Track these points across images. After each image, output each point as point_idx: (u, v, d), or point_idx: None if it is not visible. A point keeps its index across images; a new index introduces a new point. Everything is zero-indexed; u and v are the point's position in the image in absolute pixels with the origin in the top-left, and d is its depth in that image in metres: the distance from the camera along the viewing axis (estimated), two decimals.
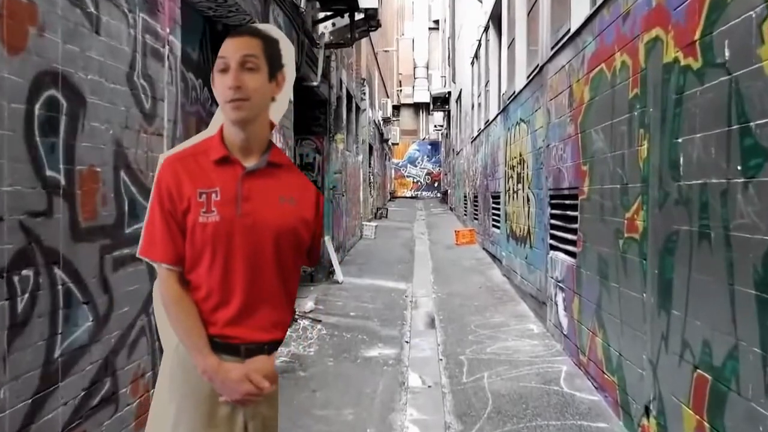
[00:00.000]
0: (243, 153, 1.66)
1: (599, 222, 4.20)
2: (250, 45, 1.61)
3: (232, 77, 1.57)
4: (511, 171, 8.35)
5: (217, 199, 1.61)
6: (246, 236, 1.62)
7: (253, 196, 1.64)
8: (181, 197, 1.62)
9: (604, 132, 4.11)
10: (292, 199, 1.68)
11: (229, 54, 1.59)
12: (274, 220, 1.64)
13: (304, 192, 1.74)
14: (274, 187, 1.67)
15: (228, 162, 1.65)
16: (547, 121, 5.95)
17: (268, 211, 1.64)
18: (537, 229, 6.52)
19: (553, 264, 5.63)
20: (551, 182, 5.75)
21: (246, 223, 1.62)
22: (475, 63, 14.19)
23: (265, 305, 1.66)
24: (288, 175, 1.72)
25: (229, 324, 1.63)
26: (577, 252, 4.79)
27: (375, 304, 7.28)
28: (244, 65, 1.58)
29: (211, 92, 4.68)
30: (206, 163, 1.65)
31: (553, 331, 5.60)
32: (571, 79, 5.01)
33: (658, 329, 3.17)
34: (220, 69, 1.60)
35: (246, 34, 1.63)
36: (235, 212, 1.61)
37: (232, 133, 1.65)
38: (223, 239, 1.60)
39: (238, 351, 1.64)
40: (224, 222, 1.60)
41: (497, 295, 7.78)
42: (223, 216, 1.60)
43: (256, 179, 1.65)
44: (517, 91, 7.86)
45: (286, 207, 1.67)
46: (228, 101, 1.58)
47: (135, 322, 2.79)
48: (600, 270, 4.18)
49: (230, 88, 1.57)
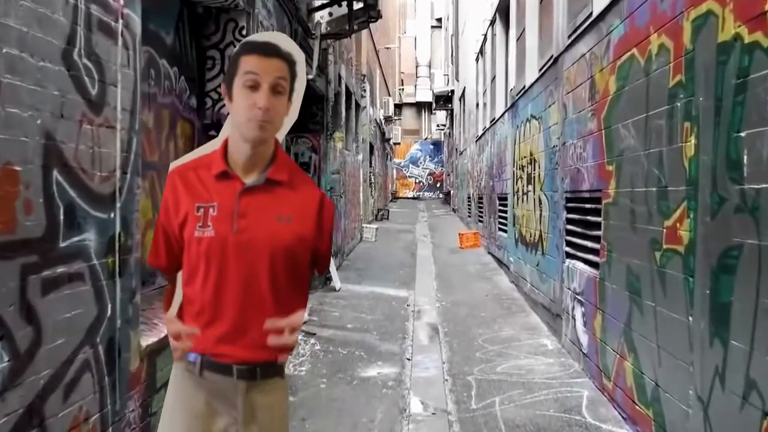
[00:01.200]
0: (244, 169, 1.64)
1: (629, 230, 3.67)
2: (281, 68, 1.59)
3: (264, 98, 1.55)
4: (520, 171, 7.83)
5: (214, 214, 1.60)
6: (240, 253, 1.60)
7: (249, 213, 1.62)
8: (177, 211, 1.64)
9: (635, 127, 3.58)
10: (289, 218, 1.64)
11: (261, 73, 1.56)
12: (270, 239, 1.61)
13: (303, 209, 1.68)
14: (272, 205, 1.64)
15: (227, 177, 1.63)
16: (562, 116, 5.43)
17: (264, 229, 1.61)
18: (550, 234, 5.99)
19: (570, 274, 5.10)
20: (568, 184, 5.22)
21: (241, 240, 1.59)
22: (480, 59, 13.65)
23: (258, 324, 1.59)
24: (288, 192, 1.67)
25: (221, 341, 1.61)
26: (600, 262, 4.26)
27: (374, 315, 6.75)
28: (275, 88, 1.57)
29: (190, 81, 4.16)
30: (207, 177, 1.65)
31: (570, 348, 5.07)
32: (592, 69, 4.48)
33: (710, 361, 2.64)
34: (249, 85, 1.55)
35: (276, 56, 1.59)
36: (231, 228, 1.59)
37: (240, 150, 1.63)
38: (217, 255, 1.59)
39: (230, 371, 1.63)
40: (219, 237, 1.59)
41: (505, 305, 7.25)
42: (218, 231, 1.59)
43: (254, 196, 1.63)
44: (527, 86, 7.33)
45: (283, 226, 1.63)
46: (252, 120, 1.55)
47: (74, 357, 2.27)
48: (630, 285, 3.65)
49: (260, 109, 1.54)
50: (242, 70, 1.57)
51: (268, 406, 1.67)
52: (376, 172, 20.17)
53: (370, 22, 7.83)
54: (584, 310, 4.67)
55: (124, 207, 2.60)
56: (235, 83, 1.58)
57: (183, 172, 1.68)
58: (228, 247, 1.59)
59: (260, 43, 1.61)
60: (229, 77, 1.60)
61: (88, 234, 2.33)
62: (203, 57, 4.36)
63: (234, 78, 1.58)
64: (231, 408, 1.65)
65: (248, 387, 1.64)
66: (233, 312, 1.61)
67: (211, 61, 4.38)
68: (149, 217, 3.55)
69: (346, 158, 10.82)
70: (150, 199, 3.57)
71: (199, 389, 1.66)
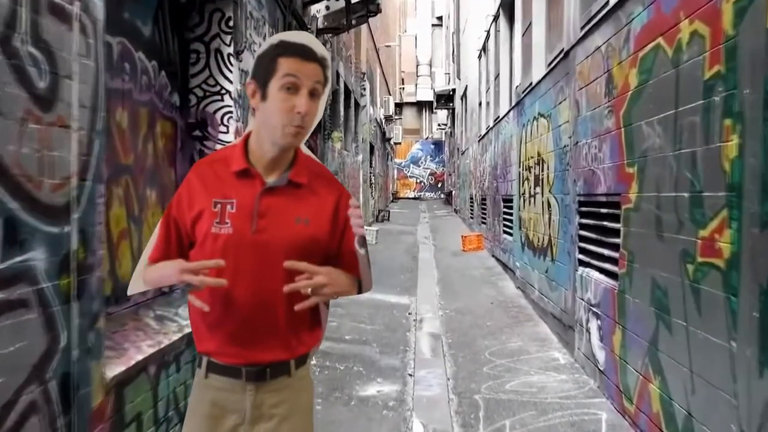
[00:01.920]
0: (266, 168, 1.63)
1: (654, 238, 3.32)
2: (319, 73, 1.58)
3: (305, 103, 1.54)
4: (527, 172, 7.47)
5: (232, 211, 1.58)
6: (257, 253, 1.57)
7: (269, 214, 1.60)
8: (191, 205, 1.61)
9: (661, 125, 3.23)
10: (307, 220, 1.62)
11: (302, 78, 1.55)
12: (287, 240, 1.59)
13: (320, 210, 1.66)
14: (291, 206, 1.62)
15: (248, 175, 1.62)
16: (574, 114, 5.07)
17: (282, 230, 1.59)
18: (561, 240, 5.63)
19: (584, 283, 4.75)
20: (581, 186, 4.86)
21: (259, 240, 1.57)
22: (483, 56, 13.30)
23: (269, 325, 1.60)
24: (307, 193, 1.65)
25: (229, 341, 1.60)
26: (619, 273, 3.91)
27: (374, 325, 6.40)
28: (313, 93, 1.57)
29: (171, 77, 3.81)
30: (224, 173, 1.62)
31: (584, 363, 4.72)
32: (609, 63, 4.13)
33: (759, 395, 2.29)
34: (287, 87, 1.53)
35: (315, 61, 1.58)
36: (250, 228, 1.58)
37: (266, 150, 1.62)
38: (233, 253, 1.55)
39: (239, 374, 1.61)
40: (237, 235, 1.57)
41: (512, 313, 6.90)
42: (237, 229, 1.57)
43: (274, 196, 1.61)
44: (534, 83, 6.98)
45: (300, 228, 1.61)
46: (289, 125, 1.55)
47: (17, 398, 1.92)
48: (655, 300, 3.30)
49: (299, 113, 1.54)
50: (281, 72, 1.53)
51: (276, 404, 1.64)
52: (376, 173, 19.83)
53: (369, 16, 7.50)
54: (601, 323, 4.31)
55: (83, 219, 2.25)
56: (271, 84, 1.54)
57: (198, 167, 1.69)
58: (245, 245, 1.56)
59: (299, 46, 1.57)
60: (264, 77, 1.56)
61: (35, 252, 1.98)
62: (186, 50, 4.01)
63: (271, 79, 1.54)
64: (238, 408, 1.62)
65: (257, 388, 1.62)
66: (245, 311, 1.58)
67: (194, 55, 4.03)
68: (123, 227, 3.20)
69: (344, 159, 10.47)
70: (124, 208, 3.22)
71: (205, 390, 1.65)
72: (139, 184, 3.41)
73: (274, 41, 1.60)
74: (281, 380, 1.64)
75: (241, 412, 1.62)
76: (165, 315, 3.33)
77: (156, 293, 3.56)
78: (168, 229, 1.65)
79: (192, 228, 1.61)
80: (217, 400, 1.63)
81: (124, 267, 3.17)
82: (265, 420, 1.63)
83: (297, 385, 1.68)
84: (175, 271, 1.51)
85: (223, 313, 1.58)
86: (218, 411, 1.62)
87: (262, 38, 4.71)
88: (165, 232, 1.66)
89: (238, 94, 4.12)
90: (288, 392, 1.65)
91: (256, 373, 1.61)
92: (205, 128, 4.02)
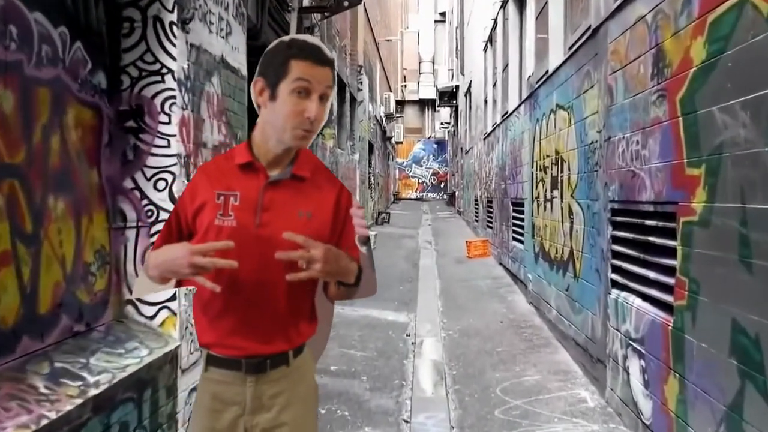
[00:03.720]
0: (270, 163, 1.64)
1: (734, 265, 2.42)
2: (329, 77, 1.59)
3: (315, 108, 1.55)
4: (542, 173, 6.57)
5: (235, 203, 1.59)
6: (260, 246, 1.57)
7: (272, 207, 1.61)
8: (193, 198, 1.62)
9: (747, 110, 2.34)
10: (309, 214, 1.63)
11: (314, 82, 1.55)
12: None
13: (321, 204, 1.66)
14: (294, 200, 1.63)
15: (252, 168, 1.63)
16: (606, 103, 4.17)
17: (285, 223, 1.58)
18: (587, 254, 4.73)
19: (621, 311, 3.85)
20: (616, 191, 3.96)
21: (262, 234, 1.58)
22: (489, 48, 12.40)
23: (269, 318, 1.62)
24: (310, 187, 1.66)
25: (230, 333, 1.61)
26: (676, 305, 3.01)
27: (366, 351, 5.51)
28: (323, 98, 1.57)
29: (94, 51, 2.93)
30: (227, 166, 1.65)
31: (621, 410, 3.83)
32: (659, 35, 3.23)
33: None
34: (298, 91, 1.54)
35: (326, 65, 1.58)
36: (254, 221, 1.59)
37: (272, 147, 1.63)
38: (236, 245, 1.51)
39: (239, 365, 1.63)
40: (240, 228, 1.57)
41: (525, 335, 6.00)
42: (241, 222, 1.58)
43: (278, 190, 1.63)
44: (551, 71, 6.08)
45: (302, 222, 1.61)
46: (298, 128, 1.56)
47: None
48: (738, 350, 2.40)
49: (308, 118, 1.55)
50: (293, 76, 1.53)
51: (276, 394, 1.64)
52: (376, 173, 18.92)
53: None
54: (645, 364, 3.41)
55: None
56: (282, 86, 1.54)
57: (203, 167, 1.73)
58: (248, 239, 1.56)
59: (311, 48, 1.57)
60: (275, 77, 1.55)
61: None
62: (116, 18, 3.13)
63: (282, 81, 1.54)
64: (238, 400, 1.63)
65: (257, 379, 1.63)
66: (245, 304, 1.59)
67: (128, 24, 3.14)
68: (4, 248, 2.31)
69: (338, 158, 9.57)
70: (7, 222, 2.33)
71: (205, 383, 1.66)
72: (36, 190, 2.52)
73: (285, 40, 1.60)
74: (280, 370, 1.65)
75: (241, 404, 1.63)
76: (67, 368, 2.45)
77: (65, 333, 2.67)
78: (170, 221, 1.67)
79: (193, 219, 1.61)
80: (217, 392, 1.64)
81: (4, 303, 2.29)
82: (265, 410, 1.64)
83: (295, 374, 1.68)
84: (184, 253, 1.48)
85: (224, 305, 1.60)
86: (219, 404, 1.63)
87: (222, 7, 3.83)
88: (168, 222, 1.67)
89: (184, 75, 3.24)
90: (286, 382, 1.66)
91: (256, 364, 1.62)
92: (140, 117, 3.13)
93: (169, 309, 3.15)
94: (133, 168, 3.15)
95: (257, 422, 1.63)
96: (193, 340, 3.31)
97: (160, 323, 3.15)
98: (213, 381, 1.64)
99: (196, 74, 3.42)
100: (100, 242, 3.02)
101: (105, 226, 3.07)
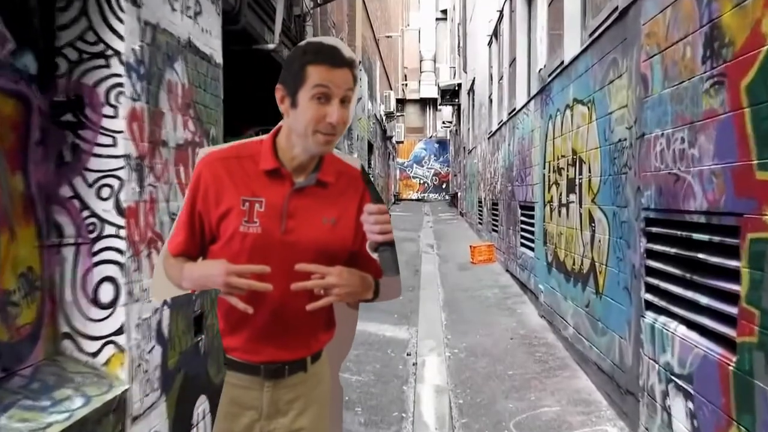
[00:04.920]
0: (296, 168, 1.62)
1: None
2: (349, 79, 1.54)
3: (336, 113, 1.52)
4: (556, 175, 5.99)
5: (261, 210, 1.57)
6: (285, 253, 1.56)
7: (297, 214, 1.60)
8: (218, 202, 1.59)
9: None
10: (333, 220, 1.63)
11: (333, 86, 1.51)
12: (315, 241, 1.59)
13: (346, 212, 1.65)
14: (318, 206, 1.62)
15: (278, 175, 1.61)
16: (639, 95, 3.59)
17: (310, 230, 1.59)
18: (612, 268, 4.15)
19: (659, 339, 3.27)
20: (652, 197, 3.38)
21: (288, 241, 1.57)
22: (494, 43, 11.82)
23: (292, 325, 1.62)
24: (334, 193, 1.65)
25: (251, 338, 1.62)
26: (740, 341, 2.43)
27: (362, 374, 4.93)
28: (344, 101, 1.54)
29: (17, 27, 2.36)
30: (252, 169, 1.61)
31: None
32: (714, 8, 2.65)
33: None
34: (318, 96, 1.51)
35: (344, 66, 1.53)
36: (279, 228, 1.58)
37: (297, 153, 1.61)
38: (261, 253, 1.55)
39: (258, 371, 1.64)
40: (266, 235, 1.57)
41: (539, 355, 5.41)
42: (266, 229, 1.57)
43: (303, 196, 1.61)
44: (566, 62, 5.50)
45: (327, 228, 1.62)
46: (320, 133, 1.53)
47: None
48: None
49: (331, 123, 1.52)
50: (311, 83, 1.51)
51: (293, 399, 1.65)
52: (375, 174, 18.36)
53: None
54: (695, 408, 2.83)
55: None
56: (301, 94, 1.52)
57: (225, 159, 1.63)
58: (274, 246, 1.56)
59: (327, 49, 1.53)
60: (294, 85, 1.53)
61: None
62: None
63: (300, 88, 1.52)
64: (255, 405, 1.63)
65: (274, 384, 1.64)
66: (269, 311, 1.59)
67: None
68: None
69: None
70: None
71: (226, 387, 1.67)
72: None
73: (301, 45, 1.58)
74: (298, 376, 1.66)
75: (257, 409, 1.64)
76: None
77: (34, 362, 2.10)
78: (192, 222, 1.63)
79: (217, 225, 1.59)
80: (235, 397, 1.65)
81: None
82: (281, 415, 1.65)
83: (312, 380, 1.69)
84: (220, 272, 1.49)
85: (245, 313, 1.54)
86: (236, 408, 1.65)
87: None
88: (189, 224, 1.63)
89: (136, 59, 2.66)
90: (303, 387, 1.67)
91: (275, 370, 1.63)
92: (80, 110, 2.55)
93: (115, 344, 2.57)
94: (71, 172, 2.56)
95: (274, 427, 1.64)
96: (149, 380, 2.74)
97: (104, 362, 2.57)
98: (230, 385, 1.66)
99: (152, 58, 2.84)
100: (27, 263, 2.43)
101: (34, 243, 2.48)
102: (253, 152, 1.63)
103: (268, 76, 5.71)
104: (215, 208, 1.58)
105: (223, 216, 1.57)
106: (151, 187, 2.84)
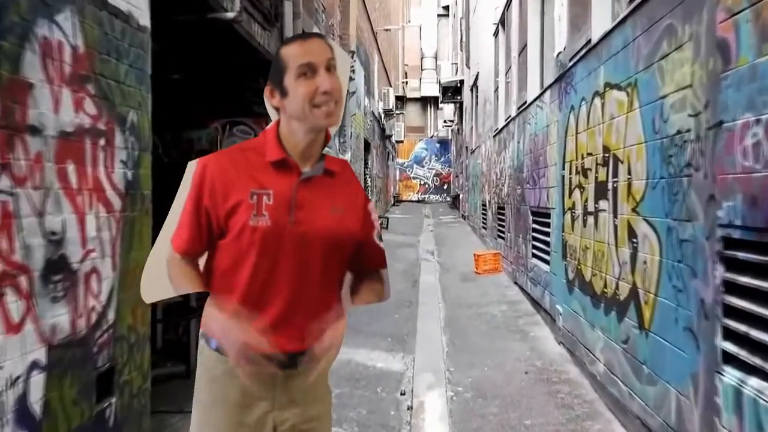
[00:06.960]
0: (302, 157, 1.61)
1: None
2: (325, 47, 1.56)
3: (326, 80, 1.52)
4: (580, 177, 5.02)
5: (269, 202, 1.56)
6: (295, 244, 1.56)
7: (306, 204, 1.59)
8: (226, 196, 1.56)
9: None
10: (341, 209, 1.63)
11: (315, 58, 1.53)
12: (325, 231, 1.59)
13: (353, 201, 1.69)
14: (326, 196, 1.62)
15: (285, 165, 1.60)
16: (714, 68, 2.63)
17: (319, 220, 1.59)
18: (666, 300, 3.19)
19: (749, 408, 2.31)
20: (737, 209, 2.42)
21: (297, 231, 1.57)
22: (501, 32, 10.86)
23: (303, 315, 1.61)
24: (340, 183, 1.66)
25: (263, 332, 1.58)
26: None
27: (342, 425, 3.96)
28: (330, 69, 1.55)
29: None
30: (258, 162, 1.59)
31: None
32: None
33: None
34: (302, 73, 1.53)
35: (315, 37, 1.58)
36: (288, 219, 1.56)
37: (300, 137, 1.60)
38: (271, 245, 1.55)
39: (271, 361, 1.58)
40: (275, 227, 1.55)
41: (561, 396, 4.44)
42: (275, 221, 1.55)
43: (310, 186, 1.60)
44: (596, 39, 4.53)
45: (336, 217, 1.61)
46: (318, 106, 1.53)
47: None
48: None
49: (324, 93, 1.52)
50: (292, 63, 1.53)
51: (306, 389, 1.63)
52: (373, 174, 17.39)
53: None
54: None
55: None
56: (287, 78, 1.54)
57: (230, 153, 1.63)
58: (284, 237, 1.55)
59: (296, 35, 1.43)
60: (278, 76, 1.56)
61: None
62: None
63: (284, 74, 1.55)
64: (268, 396, 1.61)
65: (286, 375, 1.62)
66: (281, 303, 1.58)
67: None
68: None
69: None
70: None
71: (233, 378, 1.60)
72: None
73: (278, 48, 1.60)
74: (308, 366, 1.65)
75: (270, 400, 1.62)
76: None
77: None
78: (198, 218, 1.58)
79: (225, 220, 1.56)
80: (247, 388, 1.60)
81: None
82: (294, 405, 1.63)
83: None
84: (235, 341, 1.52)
85: (256, 305, 1.56)
86: (248, 399, 1.61)
87: None
88: (195, 220, 1.58)
89: None
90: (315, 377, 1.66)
91: (288, 360, 1.60)
92: None
93: None
94: None
95: (287, 417, 1.62)
96: None
97: None
98: (238, 377, 1.59)
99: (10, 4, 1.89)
100: None
101: None
102: (257, 145, 1.62)
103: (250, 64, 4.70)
104: (223, 203, 1.54)
105: (232, 210, 1.54)
106: (5, 195, 1.89)
